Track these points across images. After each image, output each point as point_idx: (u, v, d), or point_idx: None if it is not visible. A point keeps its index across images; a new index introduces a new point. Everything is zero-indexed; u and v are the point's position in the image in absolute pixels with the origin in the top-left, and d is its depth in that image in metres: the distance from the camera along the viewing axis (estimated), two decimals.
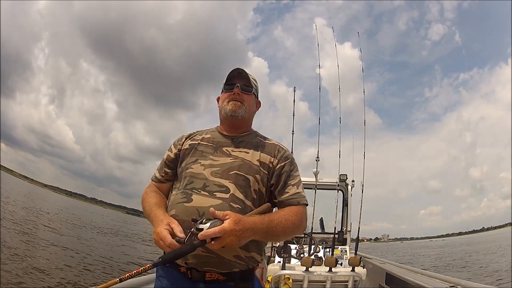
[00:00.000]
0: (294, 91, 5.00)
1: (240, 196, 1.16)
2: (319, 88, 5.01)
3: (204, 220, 0.98)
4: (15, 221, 12.60)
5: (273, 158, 1.25)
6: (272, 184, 1.23)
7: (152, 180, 1.36)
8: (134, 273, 0.89)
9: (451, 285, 2.85)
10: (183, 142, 1.34)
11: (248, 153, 1.25)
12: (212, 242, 0.95)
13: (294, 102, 4.76)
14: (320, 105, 4.99)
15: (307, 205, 1.24)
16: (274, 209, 1.26)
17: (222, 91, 1.34)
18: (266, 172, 1.23)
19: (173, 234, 1.01)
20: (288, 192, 1.21)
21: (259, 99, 1.42)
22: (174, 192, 1.24)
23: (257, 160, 1.23)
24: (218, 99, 1.38)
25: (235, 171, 1.19)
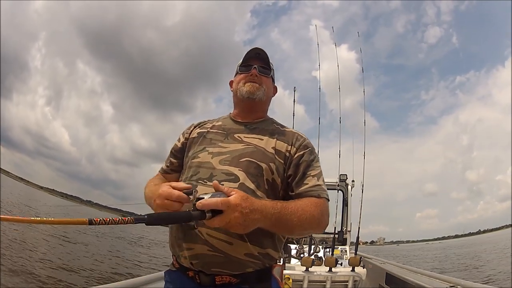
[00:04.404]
0: (294, 91, 5.06)
1: (251, 186, 1.01)
2: (319, 88, 5.06)
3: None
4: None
5: (290, 146, 1.11)
6: (290, 175, 1.08)
7: (159, 171, 1.27)
8: (109, 220, 0.70)
9: (451, 285, 2.85)
10: (192, 131, 1.23)
11: (262, 139, 1.11)
12: (213, 218, 0.80)
13: (294, 102, 4.83)
14: (320, 104, 5.01)
15: (328, 200, 1.07)
16: None
17: (237, 72, 1.22)
18: (282, 161, 1.08)
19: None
20: (307, 184, 1.05)
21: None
22: None
23: (272, 148, 1.09)
24: (231, 83, 1.26)
25: (247, 158, 1.05)
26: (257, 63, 1.18)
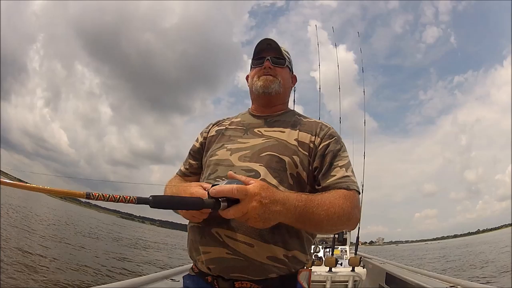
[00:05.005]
0: (294, 91, 5.05)
1: (273, 181, 0.92)
2: (319, 88, 5.07)
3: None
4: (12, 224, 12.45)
5: (314, 137, 1.02)
6: (316, 167, 0.98)
7: (176, 174, 1.20)
8: (109, 196, 0.63)
9: (451, 285, 2.84)
10: (210, 130, 1.17)
11: (284, 132, 1.03)
12: (228, 208, 0.72)
13: (294, 102, 4.83)
14: (320, 103, 5.03)
15: (359, 192, 0.97)
16: None
17: (251, 67, 1.16)
18: (307, 153, 0.99)
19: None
20: (334, 175, 0.95)
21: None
22: None
23: (294, 140, 1.00)
24: (247, 78, 1.19)
25: (268, 152, 0.97)
26: (269, 54, 1.11)
